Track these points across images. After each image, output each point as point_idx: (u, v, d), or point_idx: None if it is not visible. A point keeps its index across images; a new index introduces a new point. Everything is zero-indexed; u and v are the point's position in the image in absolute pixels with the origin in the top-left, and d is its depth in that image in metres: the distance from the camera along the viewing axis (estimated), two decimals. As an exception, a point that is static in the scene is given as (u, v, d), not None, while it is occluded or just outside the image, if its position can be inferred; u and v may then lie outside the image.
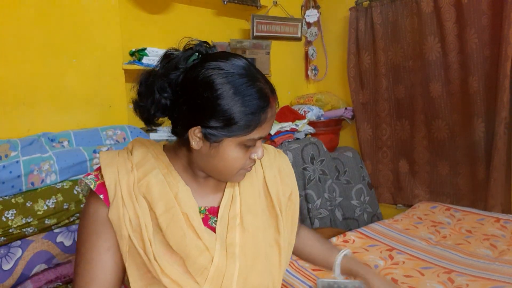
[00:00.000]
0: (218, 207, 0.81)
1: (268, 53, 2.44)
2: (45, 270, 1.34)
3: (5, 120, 1.54)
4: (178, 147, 0.79)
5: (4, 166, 1.29)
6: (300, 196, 2.13)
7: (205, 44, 0.77)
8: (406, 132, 2.38)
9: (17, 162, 1.32)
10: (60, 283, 1.37)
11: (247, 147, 0.73)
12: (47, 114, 1.65)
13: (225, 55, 0.72)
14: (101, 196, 0.73)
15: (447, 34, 2.04)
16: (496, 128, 1.88)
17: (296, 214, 0.91)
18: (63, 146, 1.53)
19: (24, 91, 1.59)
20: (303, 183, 2.13)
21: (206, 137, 0.70)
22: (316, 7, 2.77)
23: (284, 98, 2.71)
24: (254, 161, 0.76)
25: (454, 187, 2.18)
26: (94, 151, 1.51)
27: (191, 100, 0.70)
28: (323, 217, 2.14)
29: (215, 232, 0.77)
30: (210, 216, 0.80)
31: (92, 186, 0.74)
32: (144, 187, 0.74)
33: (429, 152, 2.27)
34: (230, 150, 0.71)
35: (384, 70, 2.40)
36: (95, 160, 1.49)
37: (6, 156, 1.34)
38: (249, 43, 2.30)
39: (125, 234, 0.71)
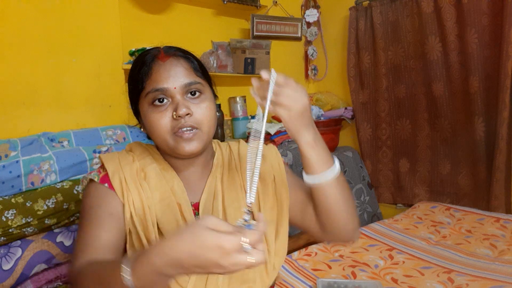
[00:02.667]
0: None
1: (268, 53, 2.44)
2: (45, 270, 1.34)
3: (5, 120, 1.54)
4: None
5: (4, 166, 1.29)
6: (300, 196, 2.13)
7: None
8: (406, 131, 2.38)
9: (17, 162, 1.32)
10: (60, 283, 1.37)
11: (158, 104, 0.74)
12: (47, 114, 1.65)
13: None
14: (106, 185, 0.78)
15: (448, 34, 2.04)
16: (498, 128, 1.87)
17: (284, 205, 0.84)
18: (63, 146, 1.53)
19: (24, 91, 1.59)
20: (303, 183, 2.12)
21: (136, 114, 0.82)
22: (316, 7, 2.77)
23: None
24: (180, 120, 0.73)
25: (455, 186, 2.18)
26: (94, 151, 1.51)
27: None
28: (323, 217, 2.13)
29: None
30: (195, 211, 0.82)
31: (96, 179, 0.78)
32: (142, 177, 0.79)
33: (430, 152, 2.27)
34: (146, 112, 0.76)
35: (384, 70, 2.40)
36: (95, 160, 1.49)
37: (6, 156, 1.34)
38: (249, 43, 2.30)
39: (127, 216, 0.75)
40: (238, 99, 2.45)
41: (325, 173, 0.72)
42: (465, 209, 2.00)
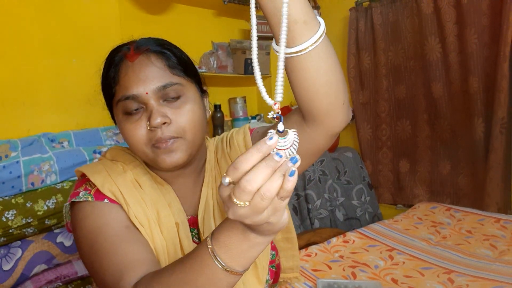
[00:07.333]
0: (197, 217, 0.73)
1: (268, 54, 2.44)
2: (45, 270, 1.34)
3: (5, 120, 1.54)
4: None
5: (4, 166, 1.29)
6: (300, 196, 2.13)
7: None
8: (407, 132, 2.38)
9: (17, 162, 1.32)
10: (60, 284, 1.36)
11: (131, 112, 0.64)
12: (47, 114, 1.65)
13: None
14: (106, 201, 0.66)
15: (448, 35, 2.04)
16: (493, 128, 1.89)
17: None
18: (63, 146, 1.53)
19: (24, 91, 1.59)
20: (303, 183, 2.13)
21: (114, 120, 0.71)
22: (316, 7, 2.76)
23: (284, 98, 2.70)
24: (156, 131, 0.62)
25: (455, 187, 2.18)
26: (94, 152, 1.51)
27: None
28: (323, 217, 2.14)
29: None
30: (190, 228, 0.72)
31: (90, 199, 0.66)
32: (139, 189, 0.69)
33: (430, 152, 2.28)
34: (120, 122, 0.67)
35: (384, 71, 2.40)
36: (95, 161, 1.49)
37: (6, 156, 1.34)
38: (249, 43, 2.29)
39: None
40: (238, 99, 2.45)
41: (316, 34, 0.51)
42: (465, 210, 2.00)
